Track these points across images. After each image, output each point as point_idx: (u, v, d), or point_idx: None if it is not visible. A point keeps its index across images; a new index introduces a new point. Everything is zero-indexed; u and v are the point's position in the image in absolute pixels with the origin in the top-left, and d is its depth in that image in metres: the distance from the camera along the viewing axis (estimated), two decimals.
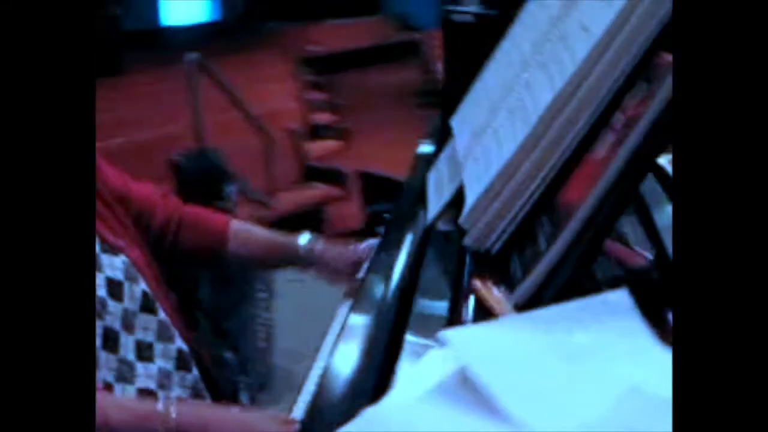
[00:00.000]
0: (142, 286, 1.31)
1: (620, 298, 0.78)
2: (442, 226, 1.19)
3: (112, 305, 1.26)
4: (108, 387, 1.24)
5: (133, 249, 1.32)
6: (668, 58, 0.84)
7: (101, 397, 1.11)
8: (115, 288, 1.26)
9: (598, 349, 0.74)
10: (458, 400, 0.71)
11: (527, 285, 0.87)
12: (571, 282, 0.85)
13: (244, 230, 1.54)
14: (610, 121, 0.89)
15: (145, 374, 1.29)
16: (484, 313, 0.89)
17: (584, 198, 0.87)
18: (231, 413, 1.20)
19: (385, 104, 6.53)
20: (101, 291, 1.25)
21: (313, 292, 1.71)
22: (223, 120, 4.37)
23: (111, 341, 1.26)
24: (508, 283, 0.93)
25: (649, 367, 0.71)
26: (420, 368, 0.77)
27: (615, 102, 0.90)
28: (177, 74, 4.22)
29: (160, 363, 1.32)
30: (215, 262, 1.54)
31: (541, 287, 0.87)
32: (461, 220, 1.02)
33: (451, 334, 0.76)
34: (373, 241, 1.50)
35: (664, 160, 1.06)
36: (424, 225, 1.22)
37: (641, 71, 0.88)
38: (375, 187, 3.69)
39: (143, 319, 1.31)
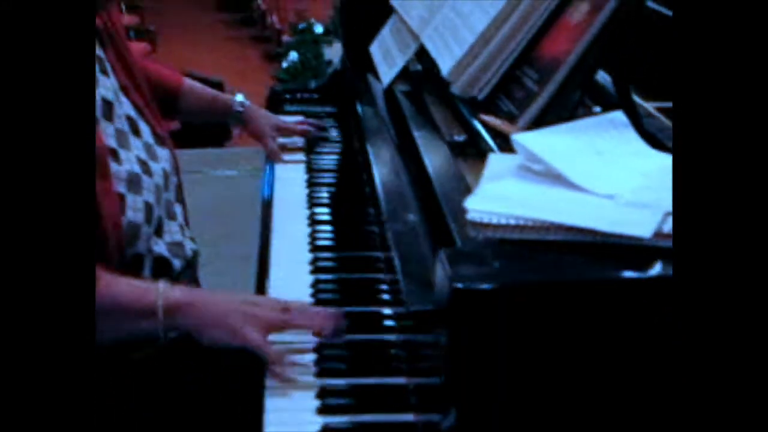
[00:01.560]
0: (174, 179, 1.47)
1: (618, 116, 1.09)
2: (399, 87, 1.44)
3: (164, 196, 1.41)
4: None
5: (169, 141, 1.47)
6: None
7: (107, 274, 1.19)
8: (167, 180, 1.40)
9: (618, 149, 1.04)
10: (537, 178, 0.98)
11: (530, 114, 1.16)
12: (567, 110, 1.15)
13: (194, 87, 1.79)
14: None
15: None
16: (499, 136, 1.16)
17: (566, 52, 1.17)
18: (234, 296, 1.21)
19: (186, 6, 6.43)
20: (160, 180, 1.38)
21: None
22: None
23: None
24: (502, 117, 1.21)
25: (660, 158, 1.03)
26: (491, 164, 1.03)
27: None
28: None
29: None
30: (169, 113, 1.69)
31: (539, 116, 1.16)
32: (446, 74, 1.28)
33: (516, 137, 1.02)
34: (295, 118, 1.76)
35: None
36: (382, 88, 1.45)
37: None
38: None
39: (178, 209, 1.45)
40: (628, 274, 0.81)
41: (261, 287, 1.37)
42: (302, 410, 1.11)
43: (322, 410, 1.11)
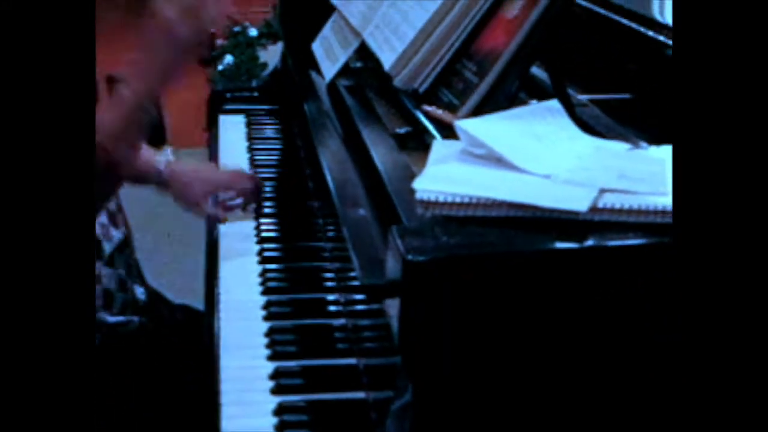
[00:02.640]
0: None
1: (554, 104, 1.16)
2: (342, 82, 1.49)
3: None
4: None
5: None
6: None
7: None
8: None
9: (554, 133, 1.11)
10: (479, 161, 1.04)
11: (471, 103, 1.22)
12: (505, 100, 1.21)
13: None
14: None
15: None
16: (442, 126, 1.21)
17: (503, 45, 1.23)
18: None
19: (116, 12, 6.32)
20: None
21: None
22: None
23: None
24: (443, 108, 1.27)
25: (594, 141, 1.09)
26: (436, 149, 1.09)
27: None
28: None
29: None
30: None
31: (479, 105, 1.22)
32: (388, 68, 1.33)
33: (459, 123, 1.08)
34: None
35: None
36: (325, 84, 1.50)
37: None
38: None
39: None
40: (567, 245, 0.87)
41: (211, 277, 1.41)
42: (257, 391, 1.15)
43: (276, 390, 1.15)
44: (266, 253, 1.49)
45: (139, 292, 1.61)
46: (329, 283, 1.40)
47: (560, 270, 0.87)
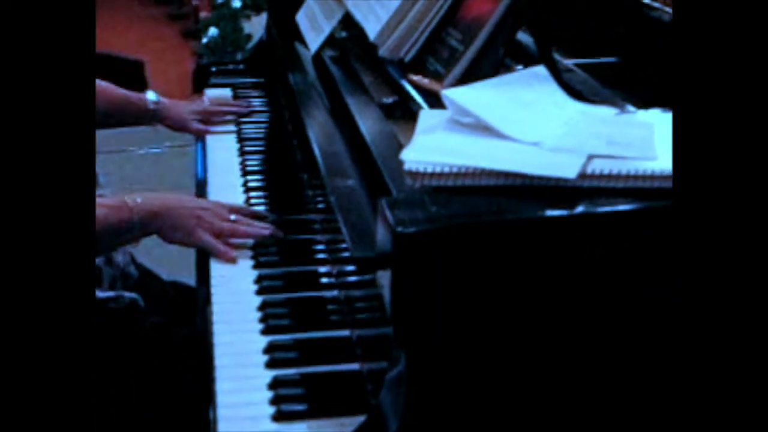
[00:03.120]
0: None
1: (541, 70, 1.15)
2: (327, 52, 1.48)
3: None
4: None
5: None
6: None
7: None
8: None
9: (541, 100, 1.10)
10: (467, 130, 1.03)
11: (456, 72, 1.21)
12: (491, 68, 1.21)
13: (102, 87, 1.73)
14: None
15: None
16: (428, 95, 1.21)
17: (488, 12, 1.23)
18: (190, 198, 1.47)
19: None
20: None
21: None
22: None
23: None
24: (429, 77, 1.26)
25: (581, 107, 1.09)
26: (423, 119, 1.08)
27: None
28: None
29: None
30: None
31: (465, 73, 1.22)
32: (373, 38, 1.33)
33: (446, 92, 1.07)
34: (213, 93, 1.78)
35: None
36: (311, 55, 1.49)
37: None
38: (114, 70, 3.69)
39: None
40: (557, 212, 0.87)
41: (203, 252, 1.41)
42: (252, 365, 1.16)
43: (271, 364, 1.16)
44: None
45: (131, 270, 1.61)
46: (320, 255, 1.40)
47: (550, 237, 0.88)
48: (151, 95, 1.82)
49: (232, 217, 1.40)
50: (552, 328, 0.90)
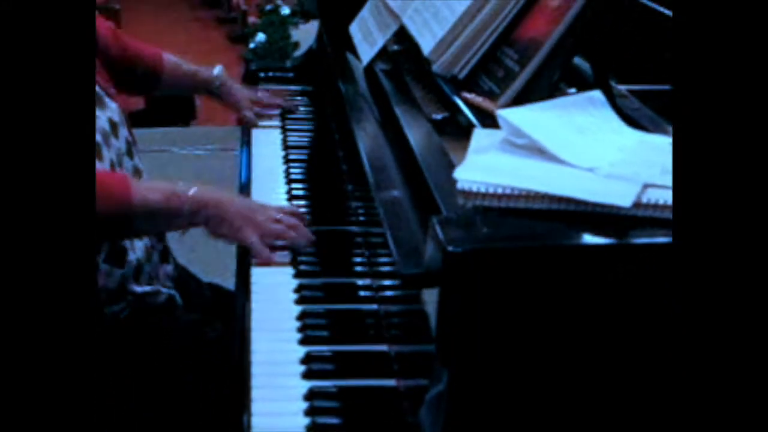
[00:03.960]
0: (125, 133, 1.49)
1: (597, 95, 1.14)
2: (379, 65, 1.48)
3: (113, 141, 1.43)
4: None
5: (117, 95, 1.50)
6: None
7: (137, 183, 1.37)
8: (115, 129, 1.43)
9: (597, 126, 1.09)
10: (521, 152, 1.02)
11: (511, 92, 1.21)
12: (546, 90, 1.20)
13: (173, 61, 1.81)
14: None
15: None
16: (480, 114, 1.20)
17: (545, 34, 1.22)
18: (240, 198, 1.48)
19: None
20: (106, 125, 1.42)
21: None
22: None
23: None
24: (483, 95, 1.25)
25: (636, 135, 1.08)
26: (476, 138, 1.08)
27: None
28: None
29: None
30: (150, 87, 1.71)
31: (520, 94, 1.21)
32: (427, 53, 1.32)
33: (501, 112, 1.07)
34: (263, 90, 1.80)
35: None
36: (362, 67, 1.49)
37: None
38: None
39: (128, 163, 1.49)
40: (609, 241, 0.86)
41: (243, 258, 1.41)
42: (288, 375, 1.15)
43: (307, 375, 1.15)
44: None
45: (168, 269, 1.62)
46: (361, 268, 1.40)
47: (601, 265, 0.86)
48: (217, 69, 1.90)
49: (279, 216, 1.41)
50: (596, 355, 0.89)
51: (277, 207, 1.46)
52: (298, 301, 1.30)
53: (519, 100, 1.19)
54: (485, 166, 0.98)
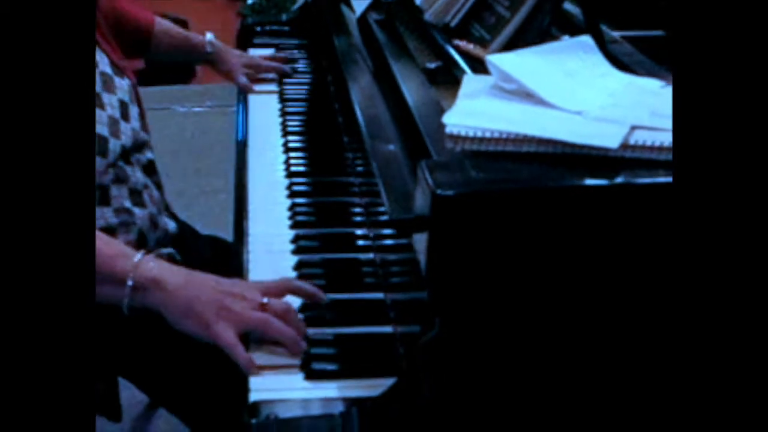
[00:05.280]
0: (136, 109, 1.50)
1: (587, 40, 1.14)
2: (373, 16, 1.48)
3: (123, 125, 1.43)
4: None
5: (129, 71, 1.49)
6: None
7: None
8: (125, 110, 1.43)
9: (586, 69, 1.09)
10: (510, 96, 1.03)
11: (502, 38, 1.21)
12: (537, 36, 1.20)
13: (166, 26, 1.79)
14: None
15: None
16: (472, 61, 1.20)
17: None
18: (211, 282, 1.12)
19: None
20: (116, 113, 1.41)
21: None
22: None
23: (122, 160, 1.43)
24: (474, 42, 1.25)
25: (626, 78, 1.08)
26: (466, 84, 1.08)
27: None
28: None
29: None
30: (140, 52, 1.71)
31: (511, 40, 1.21)
32: (419, 2, 1.32)
33: (491, 58, 1.07)
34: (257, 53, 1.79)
35: None
36: (356, 18, 1.49)
37: None
38: None
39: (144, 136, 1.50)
40: (597, 182, 0.87)
41: (239, 210, 1.42)
42: None
43: (305, 323, 1.16)
44: (295, 188, 1.50)
45: (171, 226, 1.63)
46: (357, 218, 1.41)
47: (590, 206, 0.87)
48: (209, 36, 1.88)
49: (264, 300, 1.10)
50: (587, 295, 0.90)
51: (263, 285, 1.12)
52: (295, 252, 1.31)
53: (510, 46, 1.19)
54: (474, 111, 0.99)
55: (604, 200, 0.87)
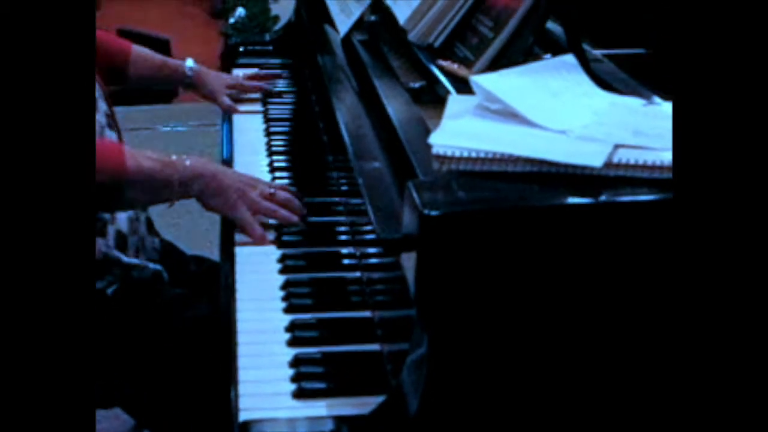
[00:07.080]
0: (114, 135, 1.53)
1: (569, 59, 1.16)
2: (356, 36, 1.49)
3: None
4: None
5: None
6: None
7: (131, 151, 1.35)
8: (101, 133, 1.46)
9: (569, 89, 1.11)
10: (495, 116, 1.04)
11: (485, 58, 1.22)
12: (520, 55, 1.21)
13: (143, 53, 1.78)
14: None
15: None
16: (456, 81, 1.22)
17: (517, 1, 1.23)
18: (237, 175, 1.44)
19: None
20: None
21: None
22: None
23: None
24: (458, 62, 1.27)
25: (609, 97, 1.10)
26: (451, 104, 1.09)
27: None
28: None
29: None
30: (117, 80, 1.71)
31: (494, 60, 1.22)
32: (403, 23, 1.34)
33: (475, 78, 1.08)
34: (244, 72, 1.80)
35: None
36: (340, 38, 1.50)
37: None
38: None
39: (110, 135, 1.51)
40: (582, 200, 0.88)
41: (227, 229, 1.42)
42: (274, 343, 1.17)
43: (292, 342, 1.17)
44: None
45: (155, 242, 1.63)
46: (344, 237, 1.42)
47: (575, 225, 0.88)
48: (189, 62, 1.87)
49: (272, 191, 1.41)
50: (574, 314, 0.91)
51: (269, 182, 1.46)
52: (282, 271, 1.31)
53: (494, 66, 1.21)
54: (460, 131, 1.00)
55: (590, 218, 0.89)
